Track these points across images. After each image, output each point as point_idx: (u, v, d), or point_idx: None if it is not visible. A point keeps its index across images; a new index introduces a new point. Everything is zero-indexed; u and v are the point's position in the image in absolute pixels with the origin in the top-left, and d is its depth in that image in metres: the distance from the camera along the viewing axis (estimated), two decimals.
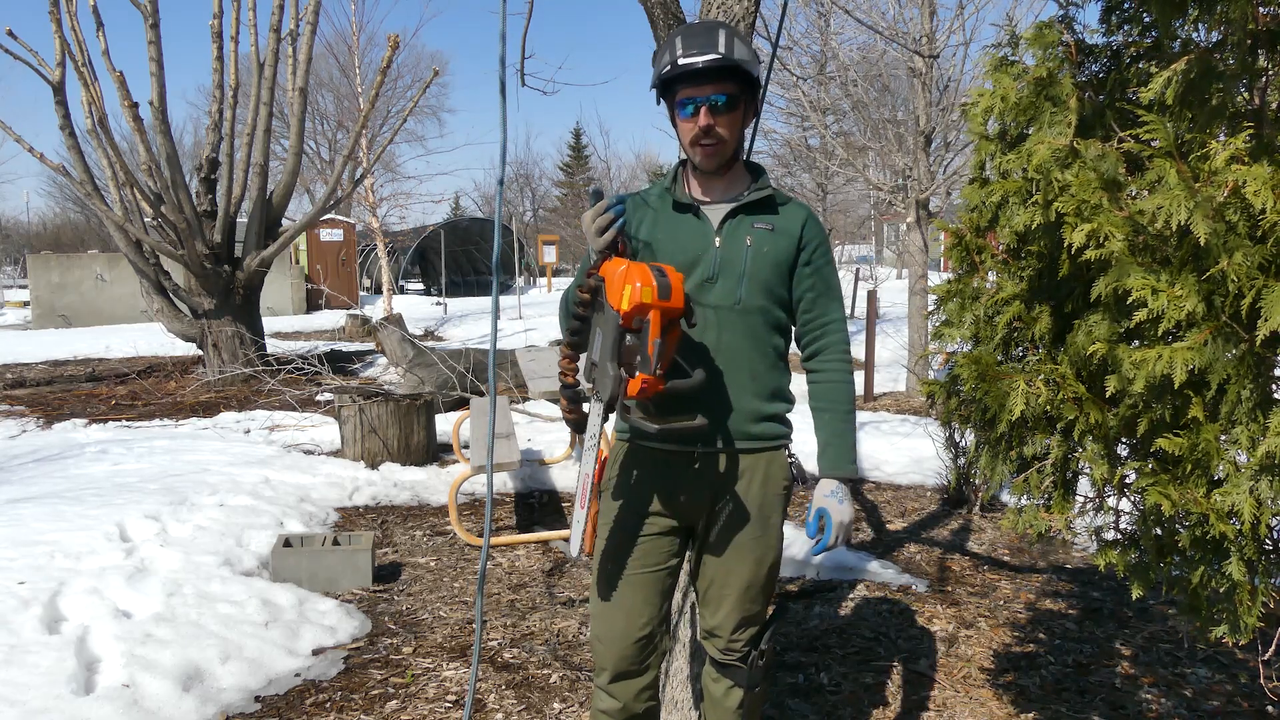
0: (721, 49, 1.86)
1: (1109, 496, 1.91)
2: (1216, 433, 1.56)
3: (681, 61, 1.86)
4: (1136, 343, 1.69)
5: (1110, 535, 1.92)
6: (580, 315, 1.91)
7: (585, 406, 1.96)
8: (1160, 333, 1.58)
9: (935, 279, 7.65)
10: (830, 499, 1.97)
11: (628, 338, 1.78)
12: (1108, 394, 1.71)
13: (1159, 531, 1.76)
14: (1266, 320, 1.43)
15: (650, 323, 1.75)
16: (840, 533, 1.95)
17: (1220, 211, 1.48)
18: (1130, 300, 1.59)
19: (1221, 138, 1.60)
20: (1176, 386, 1.56)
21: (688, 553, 2.15)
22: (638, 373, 1.76)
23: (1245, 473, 1.54)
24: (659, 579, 2.04)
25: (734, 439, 1.98)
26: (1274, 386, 1.59)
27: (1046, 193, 1.73)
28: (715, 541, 2.04)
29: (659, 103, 2.00)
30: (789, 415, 2.10)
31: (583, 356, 1.95)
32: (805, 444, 2.02)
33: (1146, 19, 1.73)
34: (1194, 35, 1.64)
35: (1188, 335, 1.56)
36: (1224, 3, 1.48)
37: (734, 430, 1.98)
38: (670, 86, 1.93)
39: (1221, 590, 1.63)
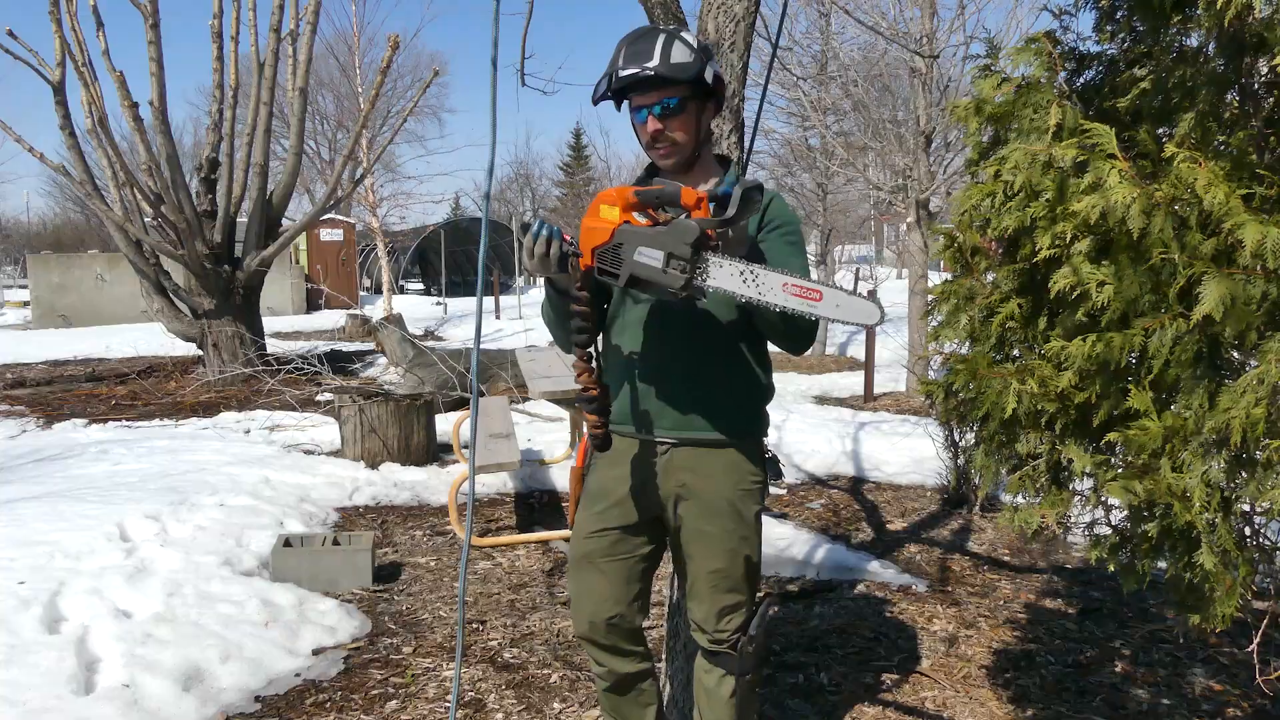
0: (655, 60, 1.85)
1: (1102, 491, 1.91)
2: (1171, 421, 1.58)
3: (621, 74, 1.87)
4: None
5: (1105, 531, 1.93)
6: (584, 309, 1.89)
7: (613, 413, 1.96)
8: (1104, 324, 1.63)
9: (935, 279, 7.65)
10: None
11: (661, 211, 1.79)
12: (1059, 389, 1.74)
13: (1145, 527, 1.77)
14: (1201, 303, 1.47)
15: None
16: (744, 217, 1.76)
17: (1159, 207, 1.52)
18: (1076, 294, 1.64)
19: (1221, 139, 1.61)
20: (1114, 369, 1.60)
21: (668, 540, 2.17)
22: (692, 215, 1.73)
23: (1196, 455, 1.56)
24: (626, 566, 2.08)
25: (699, 430, 1.99)
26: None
27: (1022, 200, 1.76)
28: (687, 534, 2.06)
29: (618, 109, 2.00)
30: (765, 408, 2.10)
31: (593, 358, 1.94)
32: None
33: (1139, 27, 1.75)
34: (1189, 41, 1.65)
35: (1135, 323, 1.60)
36: (1201, 9, 1.50)
37: (699, 422, 1.99)
38: (624, 93, 1.94)
39: (1196, 581, 1.65)
